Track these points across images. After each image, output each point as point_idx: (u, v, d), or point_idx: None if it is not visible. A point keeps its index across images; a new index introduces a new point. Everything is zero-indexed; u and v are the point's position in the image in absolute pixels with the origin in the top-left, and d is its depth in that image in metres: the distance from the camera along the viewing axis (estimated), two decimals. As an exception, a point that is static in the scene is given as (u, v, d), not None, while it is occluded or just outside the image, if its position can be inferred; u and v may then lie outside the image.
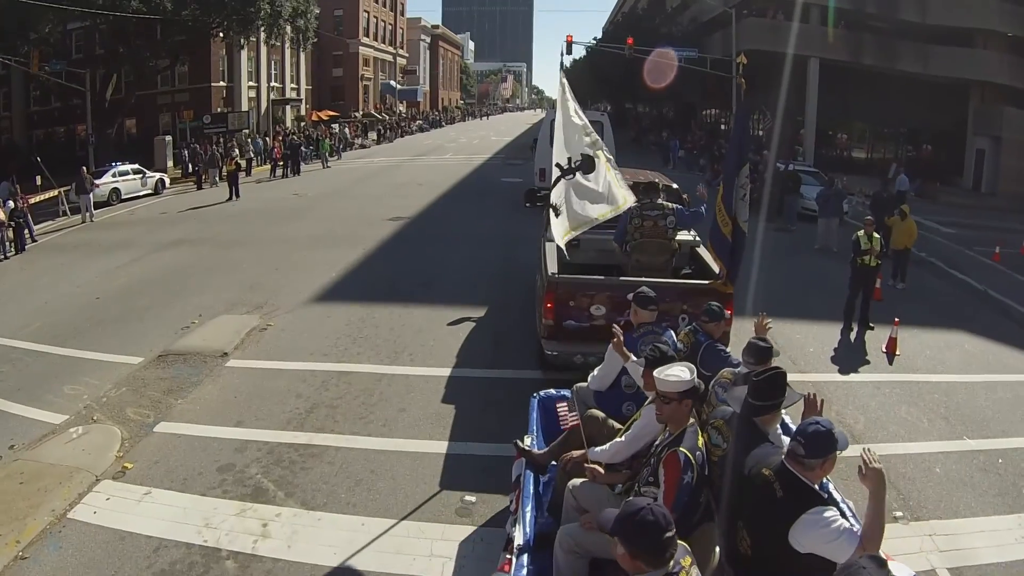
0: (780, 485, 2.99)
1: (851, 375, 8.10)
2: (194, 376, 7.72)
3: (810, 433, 2.96)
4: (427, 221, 17.16)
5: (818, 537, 2.84)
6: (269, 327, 9.01)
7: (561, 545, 3.42)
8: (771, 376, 3.47)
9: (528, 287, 9.47)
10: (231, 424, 6.56)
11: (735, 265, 6.47)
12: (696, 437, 3.40)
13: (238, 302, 10.23)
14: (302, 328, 8.94)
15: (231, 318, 9.42)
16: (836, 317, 9.79)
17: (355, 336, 8.56)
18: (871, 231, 9.47)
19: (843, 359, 8.50)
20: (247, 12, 26.56)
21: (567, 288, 6.70)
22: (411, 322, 9.15)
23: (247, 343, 8.47)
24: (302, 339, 8.55)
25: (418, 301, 10.06)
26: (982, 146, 28.29)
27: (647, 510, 2.38)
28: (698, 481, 3.29)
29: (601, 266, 7.68)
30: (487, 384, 7.22)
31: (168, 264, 13.19)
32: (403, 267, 12.33)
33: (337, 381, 7.21)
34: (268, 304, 10.03)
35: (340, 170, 30.29)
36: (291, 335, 8.69)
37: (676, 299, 6.55)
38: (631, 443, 3.85)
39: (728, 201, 6.17)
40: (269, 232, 15.93)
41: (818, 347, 8.80)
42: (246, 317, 9.41)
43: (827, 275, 12.44)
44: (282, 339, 8.58)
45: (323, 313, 9.57)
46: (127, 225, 18.68)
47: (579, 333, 6.60)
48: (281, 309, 9.76)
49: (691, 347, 4.97)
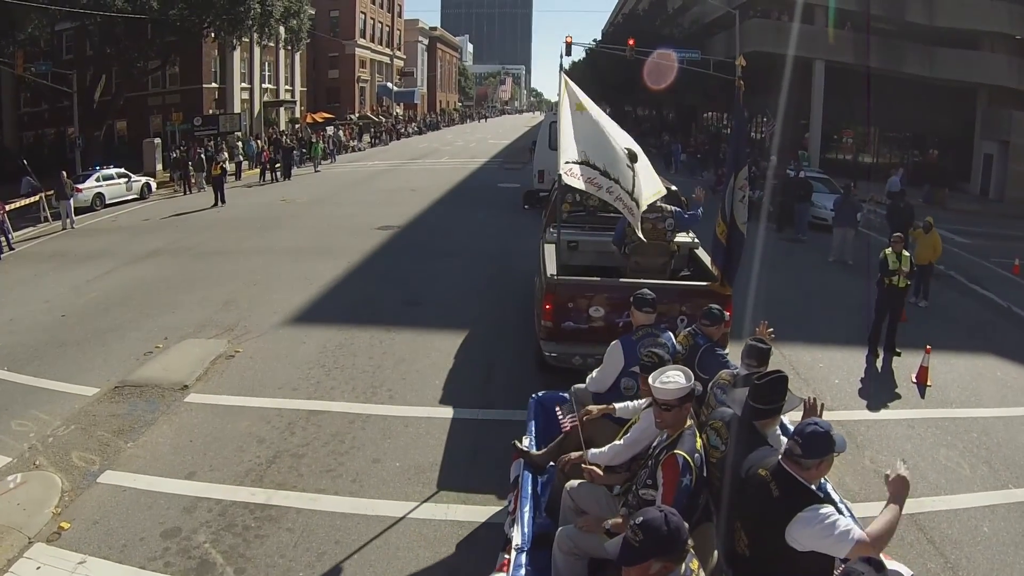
0: (776, 485, 2.99)
1: (882, 411, 7.28)
2: (149, 413, 6.90)
3: (807, 433, 2.96)
4: (418, 231, 16.31)
5: (815, 533, 2.83)
6: (237, 354, 8.18)
7: (560, 546, 3.41)
8: (773, 380, 3.46)
9: (525, 308, 8.85)
10: (182, 475, 5.74)
11: (732, 266, 6.45)
12: (695, 439, 3.37)
13: (208, 323, 9.41)
14: (272, 355, 8.11)
15: (197, 343, 8.59)
16: (859, 341, 8.99)
17: (329, 366, 7.72)
18: (900, 249, 8.61)
19: (872, 392, 7.69)
20: (237, 12, 25.75)
21: (566, 289, 6.67)
22: (393, 349, 8.32)
23: (211, 374, 7.64)
24: (271, 369, 7.71)
25: (402, 324, 9.21)
26: (990, 151, 27.66)
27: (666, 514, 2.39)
28: (696, 483, 3.28)
29: (600, 268, 7.66)
30: (476, 428, 6.34)
31: (142, 277, 12.38)
32: (389, 283, 11.49)
33: (305, 423, 6.37)
34: (239, 326, 9.20)
35: (331, 174, 29.48)
36: (260, 364, 7.86)
37: (674, 300, 6.55)
38: (630, 446, 3.83)
39: (725, 202, 6.18)
40: (251, 242, 15.11)
41: (843, 378, 7.99)
42: (213, 342, 8.57)
43: (845, 292, 11.66)
44: (249, 369, 7.75)
45: (297, 337, 8.74)
46: (107, 232, 17.88)
47: (578, 334, 6.59)
48: (252, 332, 8.93)
49: (690, 349, 4.93)
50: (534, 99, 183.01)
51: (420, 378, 7.45)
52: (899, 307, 8.70)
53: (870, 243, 14.44)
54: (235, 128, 33.68)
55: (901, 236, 8.83)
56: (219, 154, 28.44)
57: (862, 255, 13.79)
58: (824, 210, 16.60)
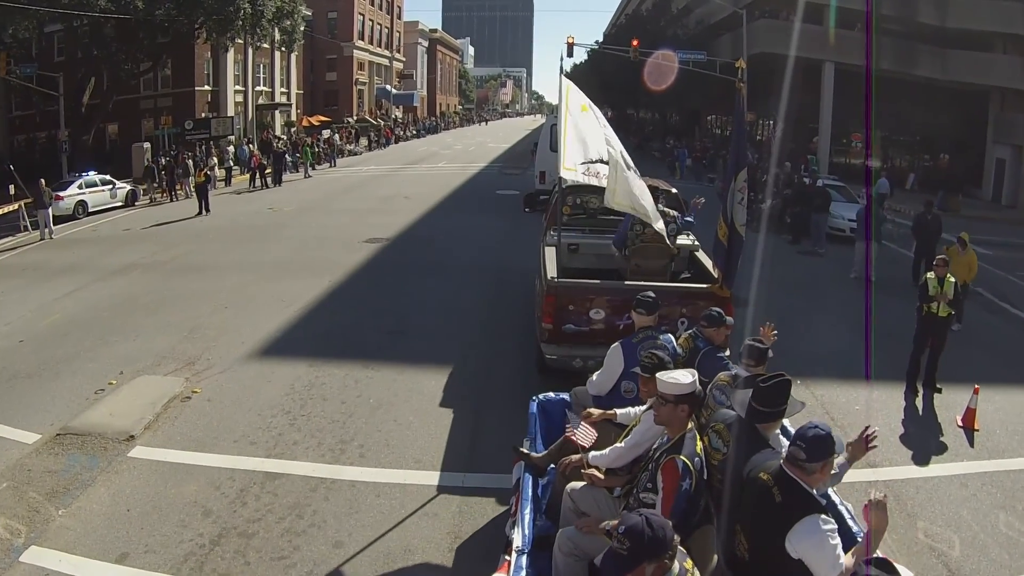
0: (779, 490, 2.97)
1: (931, 465, 6.32)
2: (88, 471, 5.99)
3: (810, 437, 2.95)
4: (409, 244, 15.33)
5: (812, 545, 2.84)
6: (194, 395, 7.22)
7: (560, 548, 3.41)
8: (777, 383, 3.43)
9: (523, 334, 8.17)
10: (113, 557, 4.82)
11: (732, 269, 6.44)
12: (695, 443, 3.37)
13: (169, 354, 8.46)
14: (233, 398, 7.14)
15: (152, 381, 7.65)
16: (893, 374, 8.04)
17: (295, 413, 6.74)
18: (943, 273, 7.60)
19: (916, 440, 6.72)
20: (226, 12, 24.85)
21: (567, 292, 6.67)
22: (370, 391, 7.31)
23: (162, 420, 6.70)
24: (229, 416, 6.74)
25: (383, 358, 8.22)
26: (1002, 155, 26.82)
27: (650, 518, 2.36)
28: (696, 487, 3.27)
29: (600, 270, 7.62)
30: (460, 501, 5.35)
31: (110, 297, 11.47)
32: (372, 306, 10.48)
33: (260, 489, 5.41)
34: (202, 359, 8.25)
35: (324, 180, 28.54)
36: (217, 409, 6.89)
37: (674, 303, 6.53)
38: (631, 448, 3.83)
39: (725, 205, 6.14)
40: (230, 255, 14.17)
41: (883, 422, 7.01)
42: (169, 380, 7.61)
43: (875, 312, 10.63)
44: (205, 415, 6.78)
45: (263, 374, 7.75)
46: (85, 244, 16.99)
47: (578, 337, 6.57)
48: (215, 367, 7.96)
49: (690, 352, 4.90)
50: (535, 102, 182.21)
51: (398, 430, 6.46)
52: (941, 338, 7.74)
53: (895, 258, 13.53)
54: (228, 132, 32.77)
55: (945, 259, 7.83)
56: (209, 159, 27.64)
57: (884, 269, 12.87)
58: (841, 220, 15.65)
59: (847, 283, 12.64)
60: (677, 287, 6.89)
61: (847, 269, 13.33)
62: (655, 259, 7.29)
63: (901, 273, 13.01)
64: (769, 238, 16.28)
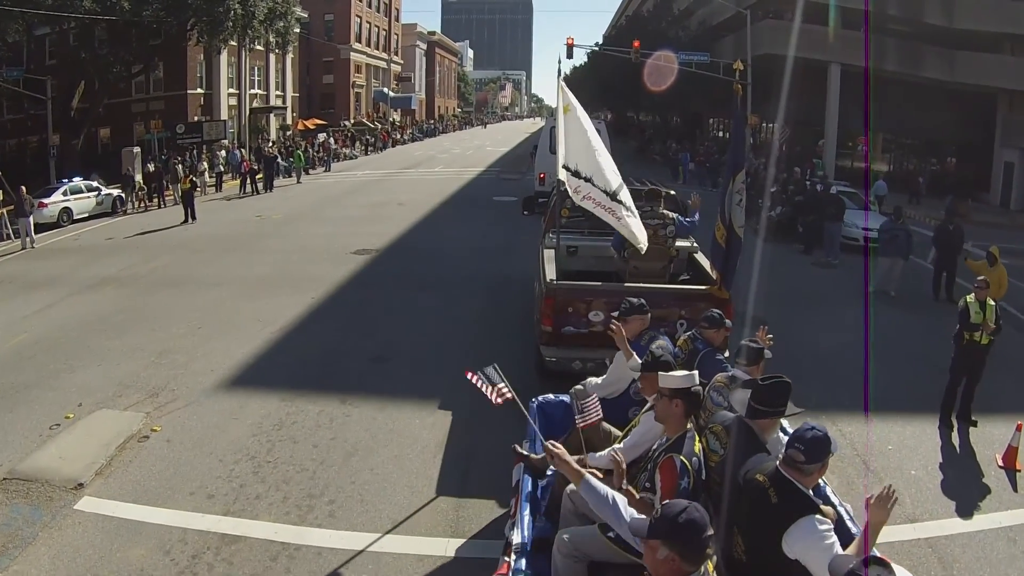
0: (775, 491, 2.95)
1: (975, 517, 5.60)
2: (30, 525, 5.30)
3: (809, 439, 2.94)
4: (399, 255, 14.56)
5: (807, 546, 2.82)
6: (153, 434, 6.49)
7: (560, 549, 3.40)
8: (776, 384, 3.45)
9: (520, 358, 7.56)
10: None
11: (730, 270, 6.45)
12: (693, 443, 3.38)
13: (133, 383, 7.74)
14: (195, 438, 6.40)
15: (110, 416, 6.93)
16: (924, 405, 7.33)
17: (261, 459, 5.99)
18: (984, 296, 6.86)
19: (957, 486, 6.00)
20: (215, 13, 24.18)
21: (566, 294, 6.71)
22: (346, 433, 6.51)
23: (115, 464, 5.98)
24: (188, 461, 6.00)
25: (364, 390, 7.41)
26: (1011, 159, 26.17)
27: (692, 508, 2.33)
28: (694, 487, 3.27)
29: (599, 273, 7.64)
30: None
31: (81, 314, 10.78)
32: (355, 327, 9.71)
33: (214, 557, 4.68)
34: (167, 389, 7.52)
35: (317, 185, 27.82)
36: (176, 452, 6.16)
37: (673, 304, 6.54)
38: (630, 449, 3.86)
39: (723, 206, 6.14)
40: (211, 268, 13.46)
41: (920, 465, 6.27)
42: (128, 415, 6.89)
43: (894, 333, 9.95)
44: (162, 460, 6.04)
45: (230, 410, 6.97)
46: (65, 254, 16.32)
47: (578, 339, 6.59)
48: (179, 399, 7.23)
49: (689, 354, 4.88)
50: (534, 105, 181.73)
51: (374, 481, 5.68)
52: (979, 368, 7.02)
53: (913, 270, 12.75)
54: (220, 136, 32.10)
55: (986, 281, 7.11)
56: (199, 164, 26.95)
57: (906, 284, 12.11)
58: (855, 228, 14.92)
59: (878, 301, 11.60)
60: (676, 289, 6.89)
61: (861, 280, 12.64)
62: (654, 261, 7.32)
63: (920, 287, 12.26)
64: (779, 248, 15.59)
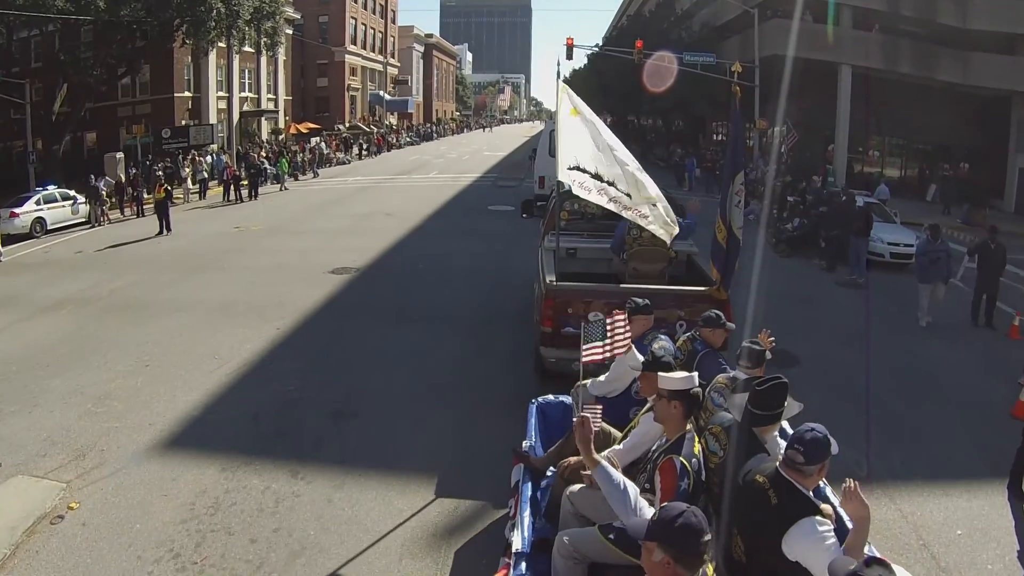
0: (775, 492, 2.95)
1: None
2: None
3: (808, 440, 2.93)
4: (380, 276, 13.05)
5: (807, 548, 2.80)
6: (70, 512, 5.26)
7: (560, 551, 3.37)
8: (774, 386, 3.43)
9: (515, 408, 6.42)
10: None
11: (729, 271, 6.45)
12: (693, 444, 3.36)
13: (61, 440, 6.51)
14: (114, 521, 5.15)
15: (26, 485, 5.69)
16: (980, 470, 6.13)
17: (187, 558, 4.72)
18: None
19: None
20: (197, 12, 23.06)
21: (565, 295, 6.77)
22: (291, 522, 5.15)
23: (19, 555, 4.77)
24: (101, 556, 4.75)
25: (319, 459, 6.10)
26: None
27: (689, 512, 2.30)
28: (694, 488, 3.24)
29: (598, 274, 7.64)
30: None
31: (28, 343, 9.61)
32: (320, 368, 8.31)
33: None
34: (96, 449, 6.29)
35: (303, 193, 26.60)
36: (89, 541, 4.93)
37: (672, 305, 6.58)
38: (629, 450, 3.83)
39: (723, 207, 6.17)
40: (175, 289, 12.22)
41: (995, 557, 5.02)
42: (45, 486, 5.64)
43: (943, 371, 8.70)
44: (72, 551, 4.81)
45: (161, 481, 5.69)
46: (30, 269, 15.20)
47: (577, 339, 6.32)
48: (107, 464, 5.97)
49: (688, 355, 4.85)
50: (534, 108, 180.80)
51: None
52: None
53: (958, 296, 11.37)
54: (208, 140, 30.94)
55: None
56: (182, 169, 25.82)
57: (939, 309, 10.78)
58: (880, 243, 13.73)
59: (911, 329, 10.29)
60: (675, 290, 6.91)
61: (890, 302, 11.45)
62: (653, 262, 7.38)
63: (957, 311, 10.92)
64: (798, 264, 14.41)
